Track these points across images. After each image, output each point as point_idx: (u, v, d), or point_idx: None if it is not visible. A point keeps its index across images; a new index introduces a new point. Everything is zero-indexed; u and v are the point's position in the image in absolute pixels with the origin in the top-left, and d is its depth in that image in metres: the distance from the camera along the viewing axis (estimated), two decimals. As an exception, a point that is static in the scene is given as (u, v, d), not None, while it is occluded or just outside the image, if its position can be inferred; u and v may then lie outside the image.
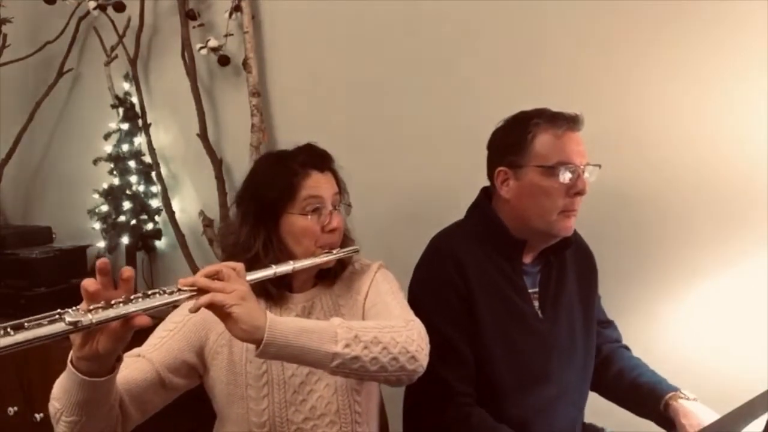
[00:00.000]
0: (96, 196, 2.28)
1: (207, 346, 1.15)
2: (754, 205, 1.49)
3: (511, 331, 1.28)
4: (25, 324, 0.73)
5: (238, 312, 0.90)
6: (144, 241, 2.30)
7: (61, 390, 0.90)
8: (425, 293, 1.25)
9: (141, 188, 2.27)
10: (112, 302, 0.81)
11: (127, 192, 2.25)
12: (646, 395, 1.31)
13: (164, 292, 0.87)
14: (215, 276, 0.93)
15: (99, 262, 0.83)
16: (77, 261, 2.29)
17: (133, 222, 2.25)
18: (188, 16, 2.11)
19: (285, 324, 0.95)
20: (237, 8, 2.02)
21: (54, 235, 2.41)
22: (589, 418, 1.45)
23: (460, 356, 1.23)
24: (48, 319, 0.75)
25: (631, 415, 1.38)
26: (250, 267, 1.02)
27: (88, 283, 0.81)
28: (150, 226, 2.29)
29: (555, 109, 1.28)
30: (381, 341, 1.01)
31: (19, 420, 1.92)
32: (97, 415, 0.91)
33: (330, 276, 1.23)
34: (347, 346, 0.98)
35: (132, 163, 2.26)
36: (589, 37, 1.64)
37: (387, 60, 1.89)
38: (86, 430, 0.91)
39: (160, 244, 2.34)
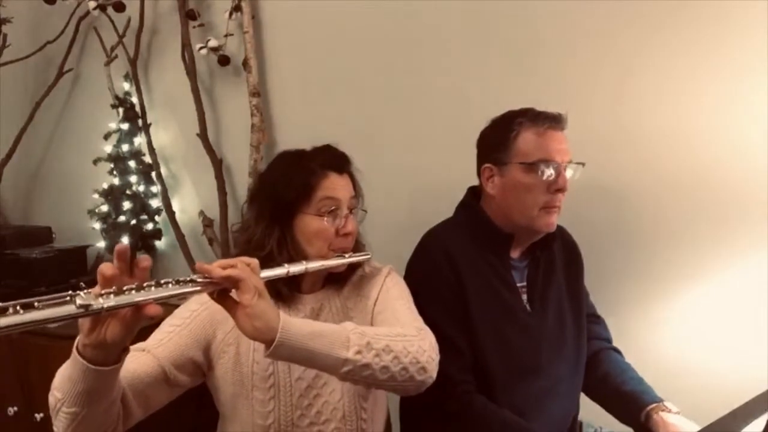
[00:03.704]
0: (96, 196, 2.32)
1: (214, 344, 1.14)
2: (750, 205, 1.52)
3: (501, 324, 1.34)
4: (36, 303, 0.72)
5: (253, 306, 0.89)
6: (144, 241, 2.34)
7: (64, 379, 0.88)
8: (419, 288, 1.29)
9: (141, 188, 2.31)
10: (125, 288, 0.80)
11: (127, 192, 2.30)
12: (628, 404, 1.34)
13: (178, 281, 0.86)
14: (230, 269, 0.92)
15: (118, 247, 0.82)
16: (77, 261, 2.32)
17: (133, 222, 2.29)
18: (188, 16, 2.13)
19: (298, 326, 0.94)
20: (237, 8, 2.05)
21: (54, 235, 2.44)
22: (586, 416, 1.45)
23: (457, 347, 1.28)
24: (59, 300, 0.74)
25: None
26: (263, 266, 1.05)
27: (105, 267, 0.81)
28: (150, 226, 2.34)
29: (550, 109, 1.31)
30: (393, 350, 1.00)
31: (19, 420, 1.94)
32: (99, 408, 0.90)
33: (340, 279, 1.24)
34: (359, 352, 0.97)
35: (132, 163, 2.32)
36: (583, 36, 1.69)
37: (386, 60, 1.94)
38: (86, 423, 0.90)
39: (160, 244, 2.37)
